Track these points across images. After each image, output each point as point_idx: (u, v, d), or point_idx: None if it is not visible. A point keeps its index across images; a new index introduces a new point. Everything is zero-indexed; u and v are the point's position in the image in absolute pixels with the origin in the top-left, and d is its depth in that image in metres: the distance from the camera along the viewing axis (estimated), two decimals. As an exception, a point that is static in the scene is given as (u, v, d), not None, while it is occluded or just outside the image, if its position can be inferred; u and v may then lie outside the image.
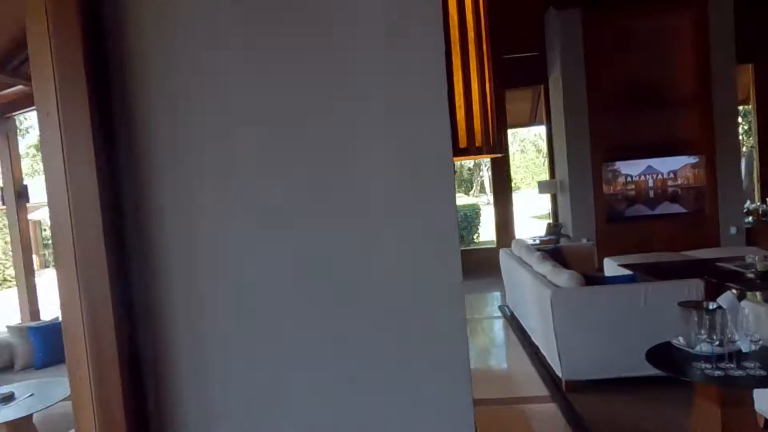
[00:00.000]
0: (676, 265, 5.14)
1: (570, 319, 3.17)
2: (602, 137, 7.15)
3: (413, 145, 1.06)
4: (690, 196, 7.11)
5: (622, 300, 3.12)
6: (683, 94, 7.15)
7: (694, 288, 3.09)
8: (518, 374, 3.66)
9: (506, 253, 4.99)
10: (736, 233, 7.00)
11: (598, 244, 7.12)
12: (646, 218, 7.15)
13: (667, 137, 7.18)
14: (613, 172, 7.17)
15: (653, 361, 2.30)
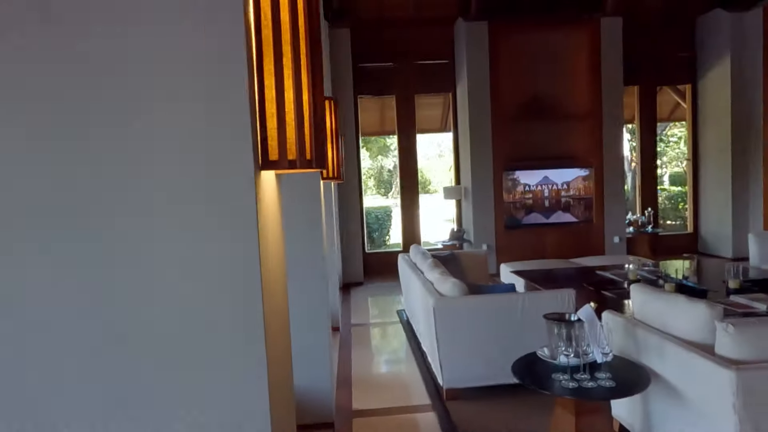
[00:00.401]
0: (561, 272, 5.43)
1: (451, 327, 3.19)
2: (503, 147, 7.43)
3: (209, 157, 0.93)
4: (581, 206, 7.58)
5: (500, 309, 3.19)
6: (577, 110, 7.61)
7: (566, 298, 3.23)
8: (405, 382, 3.64)
9: (403, 258, 5.00)
10: (619, 242, 7.57)
11: (497, 250, 7.40)
12: (541, 226, 7.52)
13: (563, 150, 7.61)
14: (513, 181, 7.47)
15: (517, 372, 2.34)
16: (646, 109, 8.24)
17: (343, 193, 7.25)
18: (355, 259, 7.32)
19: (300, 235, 2.91)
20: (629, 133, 9.97)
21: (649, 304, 2.49)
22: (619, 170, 7.55)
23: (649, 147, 8.33)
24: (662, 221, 10.49)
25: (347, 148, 7.22)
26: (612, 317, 2.65)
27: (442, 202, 8.45)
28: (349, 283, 7.26)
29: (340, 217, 7.16)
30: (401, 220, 8.07)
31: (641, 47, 8.00)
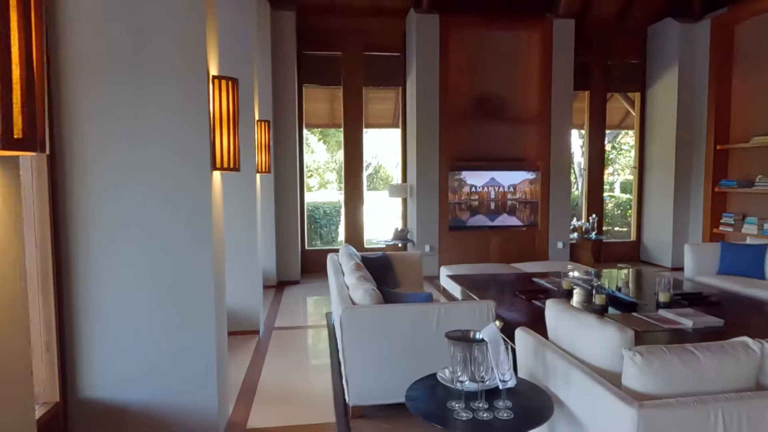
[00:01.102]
0: (498, 279, 5.24)
1: (360, 339, 2.91)
2: (451, 146, 7.22)
3: None
4: (526, 210, 7.46)
5: (414, 321, 2.93)
6: (527, 112, 7.48)
7: (485, 310, 3.00)
8: (315, 396, 3.34)
9: (331, 259, 4.68)
10: (563, 248, 7.49)
11: (440, 251, 7.19)
12: (485, 229, 7.36)
13: (511, 152, 7.47)
14: (459, 181, 7.27)
15: (411, 397, 2.07)
16: (595, 115, 8.20)
17: (281, 187, 6.87)
18: (292, 256, 6.96)
19: (178, 228, 2.55)
20: (581, 138, 9.97)
21: (562, 323, 2.27)
22: (566, 175, 7.46)
23: (598, 153, 8.30)
24: (610, 228, 10.57)
25: (286, 139, 6.84)
26: (524, 336, 2.43)
27: (392, 200, 8.19)
28: (284, 281, 6.90)
29: (277, 211, 6.78)
30: (344, 217, 7.76)
31: (593, 52, 7.96)
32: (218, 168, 2.62)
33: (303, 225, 7.62)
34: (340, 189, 7.95)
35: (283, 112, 6.79)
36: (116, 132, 2.45)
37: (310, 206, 10.50)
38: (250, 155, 4.48)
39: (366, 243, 7.83)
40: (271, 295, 6.21)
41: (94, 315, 2.51)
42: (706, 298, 4.17)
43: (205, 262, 2.56)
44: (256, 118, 4.55)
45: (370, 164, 24.39)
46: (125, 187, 2.49)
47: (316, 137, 16.59)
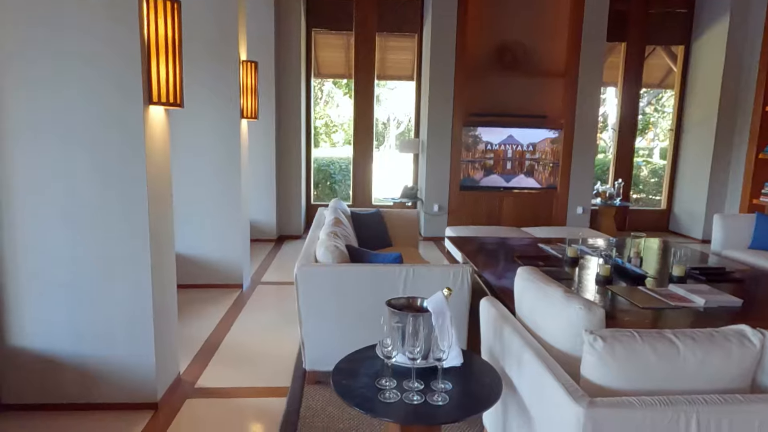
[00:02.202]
0: (503, 243, 4.87)
1: (317, 300, 2.64)
2: (467, 99, 6.72)
3: None
4: (545, 171, 6.95)
5: (378, 284, 2.63)
6: (553, 65, 6.85)
7: (460, 276, 2.67)
8: (277, 358, 3.13)
9: (320, 213, 4.41)
10: (583, 213, 6.99)
11: (449, 211, 6.82)
12: (499, 190, 6.91)
13: (532, 108, 6.91)
14: (474, 138, 6.80)
15: (338, 371, 1.79)
16: (631, 71, 7.47)
17: (284, 139, 6.57)
18: (294, 211, 6.73)
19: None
20: (616, 96, 9.20)
21: (527, 294, 1.93)
22: (591, 135, 6.87)
23: (631, 114, 7.61)
24: (643, 196, 9.90)
25: (290, 87, 6.48)
26: (487, 306, 2.09)
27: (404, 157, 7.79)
28: (285, 236, 6.70)
29: (279, 163, 6.51)
30: (352, 173, 7.44)
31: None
32: (156, 102, 2.32)
33: (309, 179, 7.35)
34: (375, 147, 7.58)
35: (286, 58, 6.41)
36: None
37: (326, 161, 10.22)
38: (233, 98, 4.17)
39: (373, 201, 7.52)
40: (267, 248, 6.03)
41: (19, 259, 2.32)
42: (728, 275, 3.70)
43: (138, 205, 2.30)
44: (242, 58, 4.21)
45: (402, 123, 23.84)
46: (44, 120, 2.23)
47: (342, 91, 16.18)
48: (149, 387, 2.46)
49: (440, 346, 1.67)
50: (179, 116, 4.16)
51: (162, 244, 2.52)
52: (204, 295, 4.24)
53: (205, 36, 4.07)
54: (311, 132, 7.21)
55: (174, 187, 4.24)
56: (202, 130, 4.19)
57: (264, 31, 6.01)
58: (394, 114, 22.82)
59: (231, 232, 4.34)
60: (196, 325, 3.59)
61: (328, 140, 18.64)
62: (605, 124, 11.50)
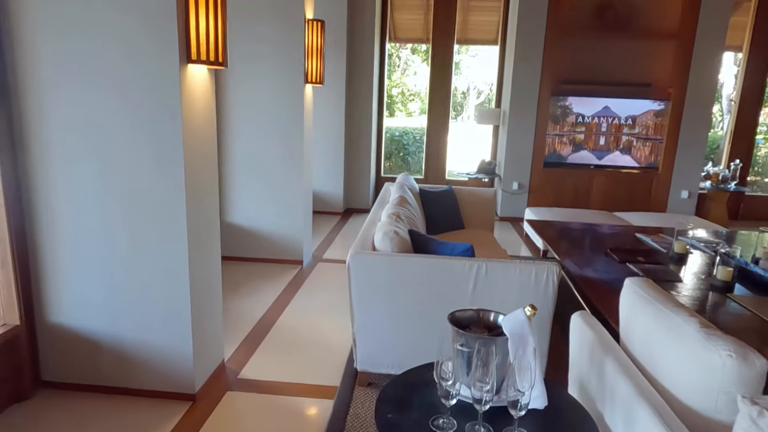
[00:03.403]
0: (592, 230, 4.25)
1: (372, 294, 2.29)
2: (557, 64, 5.97)
3: None
4: (645, 148, 6.10)
5: (443, 280, 2.22)
6: (664, 24, 5.90)
7: (545, 275, 2.20)
8: (329, 349, 2.84)
9: (386, 189, 4.03)
10: (688, 198, 6.10)
11: (530, 190, 6.21)
12: (590, 168, 6.17)
13: (634, 75, 6.03)
14: (563, 109, 6.07)
15: (385, 398, 1.43)
16: (762, 33, 6.30)
17: (354, 107, 6.21)
18: (363, 183, 6.42)
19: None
20: (736, 65, 7.94)
21: (639, 318, 1.44)
22: (707, 108, 5.90)
23: (758, 84, 6.47)
24: (759, 179, 8.61)
25: (363, 52, 6.07)
26: (581, 325, 1.63)
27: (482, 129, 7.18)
28: (352, 209, 6.43)
29: (348, 133, 6.19)
30: (426, 145, 6.98)
31: (772, -58, 5.97)
32: (195, 60, 2.02)
33: (380, 150, 6.98)
34: (453, 117, 7.08)
35: (359, 19, 5.99)
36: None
37: (399, 131, 9.80)
38: (298, 60, 3.85)
39: (448, 175, 7.04)
40: (332, 222, 5.78)
41: (57, 237, 2.15)
42: None
43: (173, 170, 2.04)
44: (307, 17, 3.85)
45: (482, 92, 22.79)
46: (76, 87, 2.00)
47: (420, 57, 15.59)
48: (187, 377, 2.25)
49: (518, 384, 1.25)
50: (238, 77, 3.91)
51: (203, 214, 2.26)
52: (261, 269, 4.05)
53: (269, -9, 3.75)
54: (383, 100, 6.80)
55: (231, 153, 4.03)
56: (263, 94, 3.91)
57: (336, -12, 5.61)
58: (474, 83, 21.75)
59: (292, 203, 4.09)
60: (249, 303, 3.39)
61: (403, 109, 18.15)
62: (718, 95, 10.09)
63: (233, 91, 3.94)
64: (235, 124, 3.99)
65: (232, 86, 3.93)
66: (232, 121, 3.99)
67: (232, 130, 4.01)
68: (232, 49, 3.86)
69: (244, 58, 3.88)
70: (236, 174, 4.07)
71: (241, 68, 3.90)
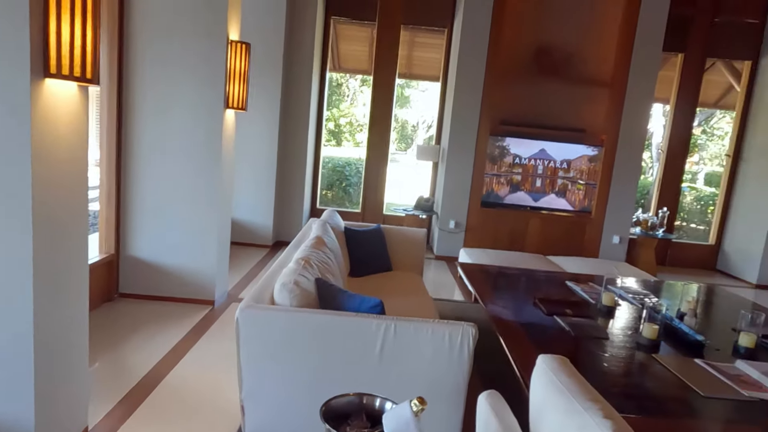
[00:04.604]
0: (523, 276, 4.12)
1: (264, 353, 1.97)
2: (496, 105, 5.98)
3: None
4: (579, 192, 6.15)
5: (349, 340, 1.95)
6: (597, 73, 6.06)
7: (460, 338, 1.96)
8: (224, 414, 2.47)
9: (309, 225, 3.75)
10: (619, 243, 6.17)
11: (467, 229, 6.09)
12: (526, 209, 6.15)
13: (570, 120, 6.12)
14: (501, 149, 6.05)
15: None
16: (687, 87, 6.60)
17: (289, 136, 5.95)
18: (295, 215, 6.10)
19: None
20: (664, 116, 8.31)
21: (547, 409, 1.21)
22: (636, 156, 6.04)
23: (683, 135, 6.74)
24: (684, 224, 8.96)
25: (300, 79, 5.86)
26: (486, 408, 1.39)
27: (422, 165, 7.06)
28: (283, 241, 6.08)
29: (281, 163, 5.89)
30: (364, 178, 6.78)
31: (696, 4, 6.30)
32: (55, 75, 1.69)
33: (316, 180, 6.71)
34: (402, 149, 6.92)
35: (298, 46, 5.79)
36: None
37: (342, 161, 9.60)
38: (217, 83, 3.55)
39: (386, 209, 6.84)
40: (259, 255, 5.41)
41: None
42: (810, 349, 2.89)
43: (19, 216, 1.68)
44: (230, 38, 3.58)
45: (432, 126, 23.00)
46: None
47: (369, 88, 15.63)
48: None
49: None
50: (147, 99, 3.56)
51: (62, 256, 1.89)
52: (165, 310, 3.62)
53: (187, 7, 3.46)
54: (322, 129, 6.57)
55: (135, 182, 3.64)
56: (176, 118, 3.58)
57: (273, 14, 5.39)
58: (423, 116, 22.06)
59: (205, 235, 3.71)
60: (138, 353, 2.97)
61: (351, 139, 18.03)
62: (648, 144, 10.55)
63: (141, 115, 3.58)
64: (141, 149, 3.61)
65: (140, 109, 3.57)
66: (137, 146, 3.62)
67: (137, 156, 3.63)
68: (142, 68, 3.52)
69: (156, 80, 3.54)
70: (141, 204, 3.67)
71: (152, 90, 3.56)
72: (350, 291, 2.32)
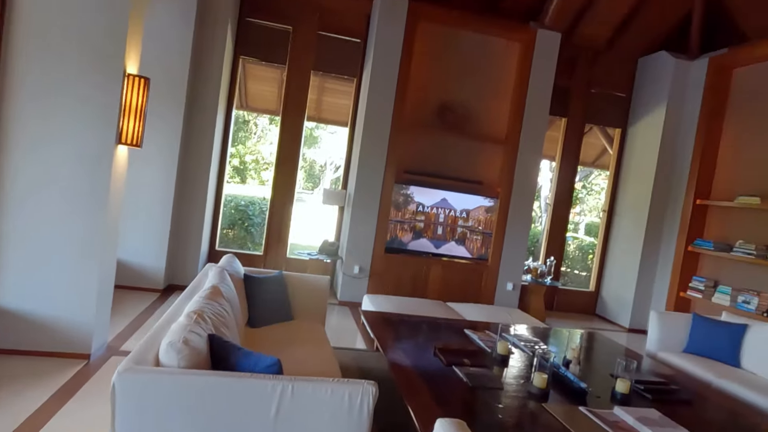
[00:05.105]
0: (424, 324, 4.18)
1: (147, 425, 1.78)
2: (401, 155, 6.20)
3: None
4: (477, 241, 6.47)
5: (242, 402, 1.82)
6: (494, 130, 6.53)
7: (359, 399, 1.92)
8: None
9: (205, 271, 3.53)
10: (513, 290, 6.53)
11: (370, 275, 6.11)
12: (428, 256, 6.33)
13: (469, 172, 6.49)
14: (405, 197, 6.22)
15: None
16: (570, 147, 7.32)
17: (188, 174, 5.68)
18: (191, 257, 5.76)
19: None
20: (551, 171, 9.12)
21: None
22: (527, 208, 6.52)
23: (567, 189, 7.41)
24: (569, 270, 9.74)
25: (204, 116, 5.67)
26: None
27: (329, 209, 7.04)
28: (176, 285, 5.68)
29: (178, 202, 5.58)
30: (268, 219, 6.61)
31: (576, 76, 7.10)
32: None
33: (217, 220, 6.42)
34: (309, 189, 6.82)
35: (204, 83, 5.62)
36: None
37: (245, 200, 9.32)
38: (110, 119, 3.31)
39: (289, 253, 6.70)
40: (147, 301, 4.98)
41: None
42: (673, 393, 3.20)
43: None
44: (128, 71, 3.38)
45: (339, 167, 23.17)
46: None
47: (277, 127, 15.51)
48: None
49: None
50: (22, 132, 3.22)
51: None
52: (32, 366, 3.18)
53: (80, 31, 3.22)
54: (225, 167, 6.36)
55: (3, 224, 3.23)
56: (58, 154, 3.26)
57: (179, 48, 5.22)
58: (331, 158, 22.22)
59: (84, 281, 3.35)
60: None
61: (257, 177, 17.62)
62: (538, 196, 11.47)
63: (15, 150, 3.22)
64: (14, 190, 3.23)
65: (15, 144, 3.22)
66: (10, 186, 3.23)
67: (9, 197, 3.23)
68: (21, 97, 3.19)
69: (37, 111, 3.22)
70: (10, 249, 3.25)
71: (32, 122, 3.22)
72: (246, 347, 2.19)
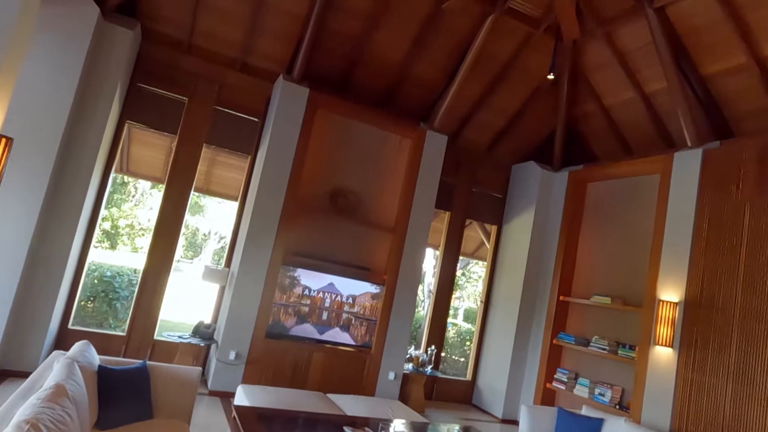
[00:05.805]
0: (303, 420, 3.93)
1: None
2: (291, 236, 6.11)
3: None
4: (362, 327, 6.41)
5: None
6: (383, 218, 6.75)
7: None
8: None
9: (50, 360, 3.04)
10: (394, 379, 6.47)
11: (248, 362, 5.72)
12: (311, 342, 6.11)
13: (357, 258, 6.55)
14: (292, 279, 6.06)
15: None
16: (452, 239, 7.77)
17: (49, 236, 5.05)
18: (35, 336, 4.97)
19: None
20: (434, 258, 9.55)
21: None
22: (412, 296, 6.67)
23: (449, 278, 7.75)
24: (448, 355, 9.95)
25: (75, 179, 5.18)
26: None
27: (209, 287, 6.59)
28: (11, 371, 4.82)
29: (28, 270, 4.89)
30: (138, 291, 6.01)
31: (460, 175, 7.71)
32: None
33: (75, 292, 5.68)
34: (189, 257, 6.25)
35: (79, 142, 5.19)
36: None
37: (112, 270, 8.44)
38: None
39: (159, 331, 6.08)
40: (-33, 392, 4.14)
41: None
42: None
43: None
44: (-13, 129, 3.02)
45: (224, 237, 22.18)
46: None
47: (161, 193, 14.69)
48: None
49: None
50: None
51: None
52: None
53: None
54: (93, 234, 5.76)
55: None
56: None
57: (56, 106, 4.82)
58: (216, 228, 21.18)
59: None
60: None
61: (129, 243, 16.17)
62: (422, 282, 11.86)
63: None
64: None
65: None
66: None
67: None
68: None
69: None
70: None
71: None
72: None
